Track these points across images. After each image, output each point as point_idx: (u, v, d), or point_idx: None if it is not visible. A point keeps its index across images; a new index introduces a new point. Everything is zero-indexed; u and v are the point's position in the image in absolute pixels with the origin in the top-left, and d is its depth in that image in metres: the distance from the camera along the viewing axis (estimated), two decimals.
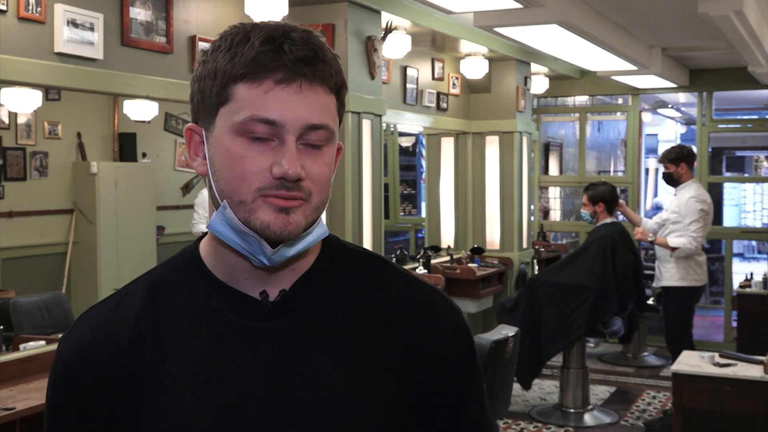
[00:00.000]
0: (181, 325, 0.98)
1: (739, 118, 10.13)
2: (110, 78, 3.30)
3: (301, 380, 0.95)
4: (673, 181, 5.10)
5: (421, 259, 5.76)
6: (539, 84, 7.16)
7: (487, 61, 6.19)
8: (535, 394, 5.71)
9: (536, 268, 6.77)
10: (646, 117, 9.82)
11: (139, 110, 5.72)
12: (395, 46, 4.91)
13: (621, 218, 5.55)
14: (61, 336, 1.04)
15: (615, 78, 6.63)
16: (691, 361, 3.85)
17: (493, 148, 6.58)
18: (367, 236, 4.51)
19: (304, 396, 0.95)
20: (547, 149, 8.56)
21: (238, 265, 0.98)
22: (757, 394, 3.61)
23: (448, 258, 6.14)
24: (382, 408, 0.97)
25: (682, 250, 4.87)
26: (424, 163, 7.52)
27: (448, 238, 6.62)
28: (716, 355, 3.83)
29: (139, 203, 6.64)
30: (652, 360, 6.75)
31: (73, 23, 3.14)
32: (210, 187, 0.97)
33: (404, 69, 5.58)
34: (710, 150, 7.44)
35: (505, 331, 3.68)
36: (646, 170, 10.46)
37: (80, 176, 6.38)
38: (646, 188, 10.34)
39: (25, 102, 4.75)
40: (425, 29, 5.02)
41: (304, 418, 0.94)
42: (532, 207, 7.46)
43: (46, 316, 4.66)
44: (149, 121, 6.25)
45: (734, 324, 6.51)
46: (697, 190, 5.00)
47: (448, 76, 6.24)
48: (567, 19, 4.10)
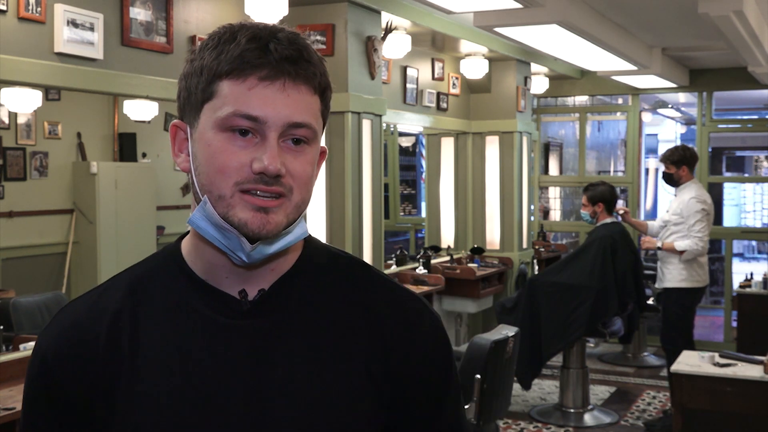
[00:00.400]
0: (159, 322, 0.98)
1: (739, 118, 10.12)
2: (110, 78, 3.30)
3: (276, 380, 0.96)
4: (673, 181, 5.10)
5: (421, 259, 5.76)
6: (539, 84, 7.16)
7: (487, 61, 6.19)
8: (535, 394, 5.71)
9: (536, 268, 6.77)
10: (646, 117, 9.82)
11: (139, 110, 5.72)
12: (395, 46, 4.91)
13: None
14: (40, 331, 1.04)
15: (615, 78, 6.63)
16: (691, 361, 3.85)
17: (493, 148, 6.58)
18: (367, 236, 4.51)
19: (278, 396, 0.95)
20: (547, 149, 8.56)
21: (218, 263, 0.98)
22: (757, 394, 3.61)
23: (448, 258, 6.14)
24: (358, 411, 0.97)
25: (689, 253, 4.87)
26: (424, 163, 7.52)
27: (448, 238, 6.62)
28: (716, 355, 3.83)
29: (139, 203, 6.64)
30: (652, 360, 6.75)
31: (73, 23, 3.14)
32: (192, 182, 0.98)
33: (404, 69, 5.58)
34: (710, 150, 7.44)
35: (505, 331, 3.68)
36: (646, 170, 10.45)
37: (80, 176, 6.38)
38: (646, 188, 10.33)
39: (25, 102, 4.75)
40: (425, 29, 5.02)
41: (278, 419, 0.95)
42: (532, 207, 7.46)
43: (46, 316, 4.65)
44: (149, 121, 6.25)
45: (734, 324, 6.51)
46: (698, 191, 5.00)
47: (448, 76, 6.24)
48: (567, 19, 4.10)
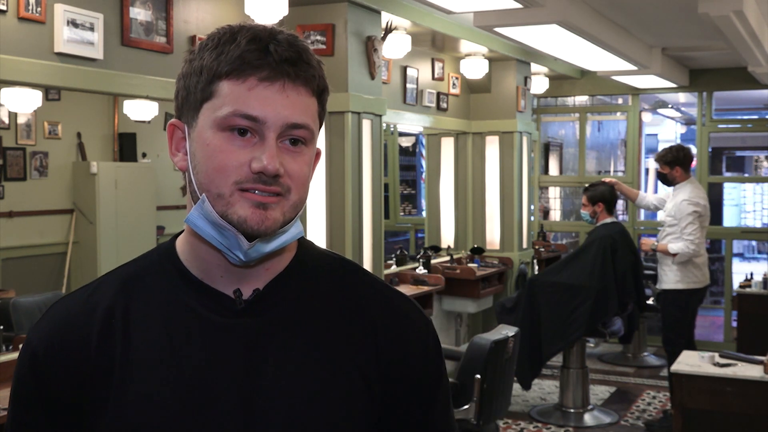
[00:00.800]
0: (151, 319, 0.98)
1: (739, 118, 10.13)
2: (110, 78, 3.30)
3: (270, 379, 0.96)
4: (668, 181, 5.08)
5: (421, 259, 5.75)
6: (539, 84, 7.16)
7: (487, 61, 6.19)
8: (535, 394, 5.71)
9: (536, 268, 6.77)
10: (646, 117, 9.82)
11: (139, 110, 5.72)
12: (395, 46, 4.91)
13: (621, 218, 5.54)
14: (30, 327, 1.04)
15: (615, 78, 6.63)
16: (691, 361, 3.85)
17: (493, 148, 6.58)
18: (367, 236, 4.50)
19: (271, 395, 0.96)
20: (547, 149, 8.56)
21: (214, 262, 0.99)
22: (757, 394, 3.61)
23: (448, 258, 6.14)
24: (350, 410, 0.98)
25: (682, 255, 4.84)
26: (424, 163, 7.52)
27: (448, 238, 6.62)
28: (716, 355, 3.83)
29: (139, 203, 6.64)
30: (652, 360, 6.75)
31: (73, 23, 3.14)
32: (189, 181, 0.99)
33: (404, 69, 5.58)
34: (710, 150, 7.43)
35: (505, 331, 3.68)
36: (646, 170, 10.45)
37: (80, 176, 6.38)
38: (646, 188, 10.33)
39: (25, 102, 4.75)
40: (425, 29, 5.02)
41: (272, 417, 0.95)
42: (532, 207, 7.46)
43: None
44: (149, 121, 6.25)
45: (734, 324, 6.51)
46: (691, 192, 4.94)
47: (448, 76, 6.24)
48: (567, 19, 4.10)
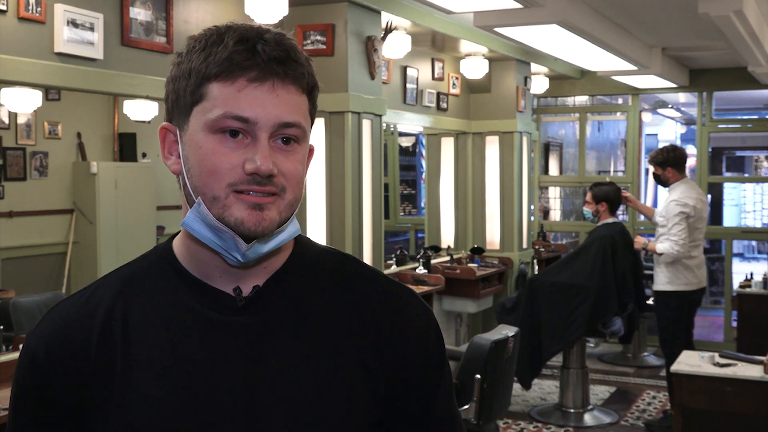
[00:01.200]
0: (151, 320, 0.98)
1: (739, 118, 10.13)
2: (110, 78, 3.30)
3: (272, 375, 0.96)
4: (662, 182, 5.06)
5: (421, 259, 5.76)
6: (539, 84, 7.16)
7: (487, 61, 6.19)
8: (535, 394, 5.71)
9: (536, 268, 6.77)
10: (646, 117, 9.82)
11: (139, 110, 5.71)
12: (395, 46, 4.90)
13: (621, 218, 5.53)
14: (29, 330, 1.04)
15: (615, 78, 6.63)
16: (691, 361, 3.84)
17: (493, 148, 6.58)
18: (367, 236, 4.51)
19: (274, 391, 0.95)
20: (547, 149, 8.56)
21: (212, 263, 0.99)
22: (757, 394, 3.61)
23: (448, 258, 6.14)
24: (353, 404, 0.98)
25: (666, 256, 4.81)
26: (424, 163, 7.52)
27: (448, 238, 6.62)
28: (716, 355, 3.83)
29: (139, 203, 6.64)
30: (652, 360, 6.74)
31: (73, 23, 3.14)
32: (184, 185, 0.98)
33: (404, 69, 5.58)
34: (710, 150, 7.43)
35: (505, 331, 3.68)
36: (646, 170, 10.44)
37: (80, 176, 6.38)
38: (646, 188, 10.32)
39: (25, 102, 4.75)
40: (425, 29, 5.02)
41: (273, 413, 0.95)
42: (532, 207, 7.47)
43: None
44: (149, 121, 6.24)
45: (734, 324, 6.50)
46: (682, 193, 4.89)
47: (448, 76, 6.24)
48: (567, 19, 4.10)
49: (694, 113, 8.29)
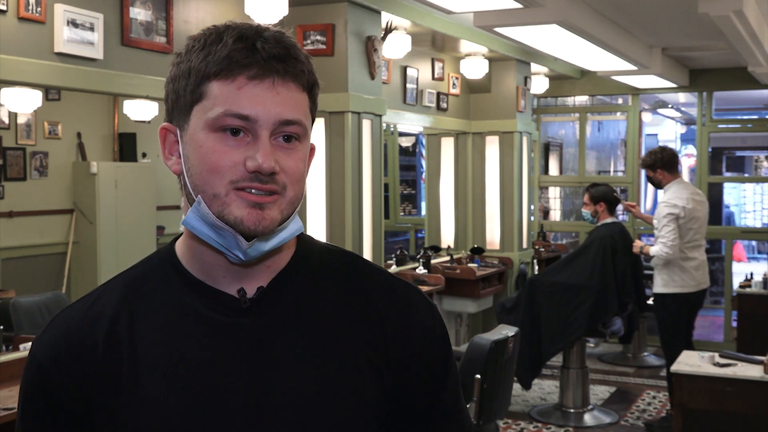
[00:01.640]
0: (157, 324, 0.98)
1: (739, 118, 10.13)
2: (110, 78, 3.30)
3: (279, 375, 0.96)
4: (656, 184, 5.05)
5: (421, 259, 5.76)
6: (539, 84, 7.16)
7: (487, 61, 6.19)
8: (535, 394, 5.71)
9: (536, 268, 6.77)
10: (646, 117, 9.82)
11: (139, 110, 5.71)
12: (395, 46, 4.91)
13: (621, 218, 5.53)
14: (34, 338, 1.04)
15: (615, 78, 6.63)
16: (691, 361, 3.84)
17: (493, 148, 6.58)
18: (367, 236, 4.51)
19: (281, 391, 0.95)
20: (547, 149, 8.56)
21: (215, 263, 0.98)
22: (757, 394, 3.61)
23: (448, 258, 6.14)
24: (360, 401, 0.98)
25: (657, 258, 4.80)
26: (424, 163, 7.52)
27: (448, 238, 6.62)
28: (716, 355, 3.83)
29: (139, 203, 6.64)
30: (652, 360, 6.74)
31: (73, 23, 3.14)
32: (184, 184, 0.98)
33: (404, 69, 5.58)
34: (710, 150, 7.43)
35: (505, 331, 3.68)
36: None
37: (80, 176, 6.38)
38: (646, 188, 10.32)
39: (25, 102, 4.75)
40: (425, 29, 5.02)
41: (282, 413, 0.95)
42: (532, 207, 7.46)
43: (46, 316, 4.65)
44: (149, 121, 6.24)
45: (734, 324, 6.50)
46: (672, 194, 4.85)
47: (448, 76, 6.24)
48: (567, 19, 4.10)
49: (694, 113, 8.29)
